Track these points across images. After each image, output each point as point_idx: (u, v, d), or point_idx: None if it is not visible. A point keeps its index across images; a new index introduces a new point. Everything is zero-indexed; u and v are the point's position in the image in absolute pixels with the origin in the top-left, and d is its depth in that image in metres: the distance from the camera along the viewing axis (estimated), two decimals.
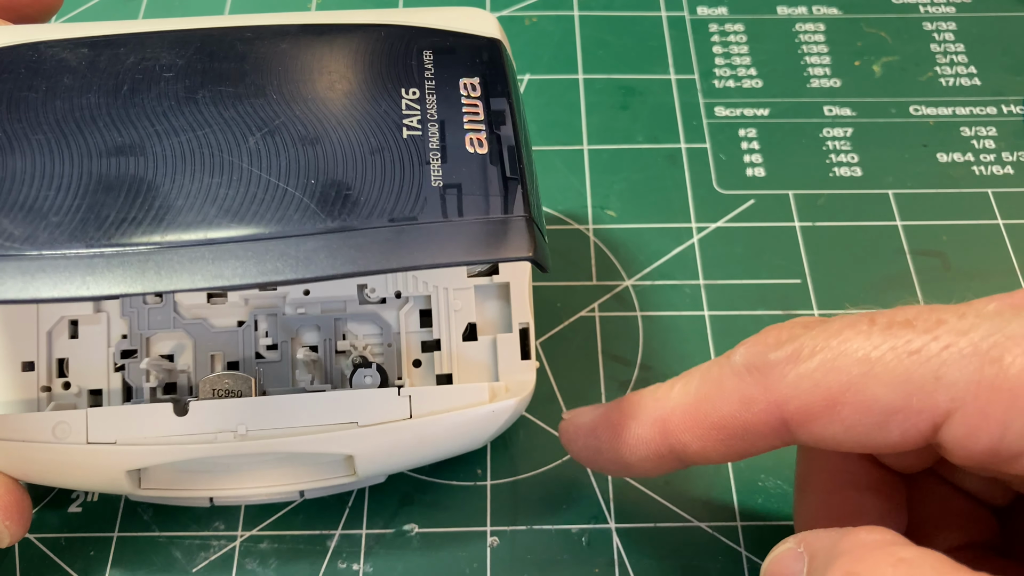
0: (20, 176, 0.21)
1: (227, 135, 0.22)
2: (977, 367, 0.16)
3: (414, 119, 0.23)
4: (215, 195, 0.21)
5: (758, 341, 0.20)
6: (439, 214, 0.21)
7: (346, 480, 0.25)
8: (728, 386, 0.20)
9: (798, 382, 0.18)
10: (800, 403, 0.18)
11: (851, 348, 0.18)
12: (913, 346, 0.17)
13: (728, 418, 0.20)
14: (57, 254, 0.20)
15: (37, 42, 0.24)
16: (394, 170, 0.22)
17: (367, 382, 0.25)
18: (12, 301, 0.20)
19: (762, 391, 0.19)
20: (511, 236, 0.21)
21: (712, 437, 0.20)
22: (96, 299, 0.21)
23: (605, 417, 0.22)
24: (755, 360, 0.19)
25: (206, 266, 0.20)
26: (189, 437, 0.23)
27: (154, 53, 0.24)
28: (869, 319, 0.18)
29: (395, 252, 0.21)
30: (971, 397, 0.16)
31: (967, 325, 0.17)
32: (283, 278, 0.20)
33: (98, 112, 0.23)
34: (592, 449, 0.22)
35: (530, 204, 0.22)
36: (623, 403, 0.22)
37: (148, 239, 0.20)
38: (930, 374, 0.17)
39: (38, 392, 0.26)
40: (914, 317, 0.18)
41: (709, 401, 0.20)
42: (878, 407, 0.17)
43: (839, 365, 0.18)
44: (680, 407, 0.20)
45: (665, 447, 0.21)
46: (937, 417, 0.17)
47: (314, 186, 0.21)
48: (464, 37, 0.25)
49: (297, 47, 0.25)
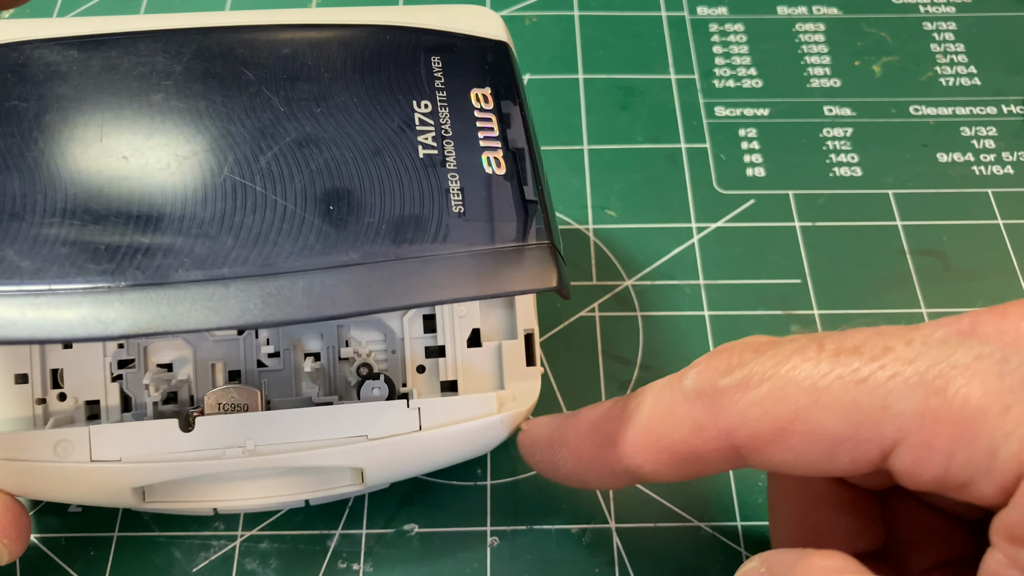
0: (20, 199, 0.20)
1: (236, 153, 0.21)
2: (922, 397, 0.16)
3: (429, 135, 0.22)
4: (231, 223, 0.20)
5: (709, 365, 0.19)
6: (463, 244, 0.21)
7: (353, 489, 0.25)
8: (679, 411, 0.19)
9: (747, 410, 0.18)
10: (749, 431, 0.18)
11: (799, 376, 0.18)
12: (860, 375, 0.17)
13: (679, 443, 0.19)
14: (69, 289, 0.19)
15: (20, 42, 0.23)
16: (413, 195, 0.21)
17: (375, 394, 0.25)
18: (24, 341, 0.18)
19: (712, 418, 0.19)
20: (535, 266, 0.21)
21: (664, 460, 0.20)
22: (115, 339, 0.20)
23: (560, 433, 0.22)
24: (705, 386, 0.19)
25: (229, 304, 0.19)
26: (196, 453, 0.23)
27: (149, 57, 0.23)
28: (818, 344, 0.18)
29: (420, 286, 0.20)
30: (916, 428, 0.16)
31: (913, 353, 0.17)
32: (308, 316, 0.19)
33: (97, 127, 0.21)
34: (548, 464, 0.23)
35: (551, 228, 0.22)
36: (578, 420, 0.22)
37: (166, 274, 0.19)
38: (877, 404, 0.17)
39: (33, 405, 0.25)
40: (862, 343, 0.18)
41: (661, 425, 0.20)
42: (826, 436, 0.17)
43: (787, 393, 0.18)
44: (632, 430, 0.20)
45: (619, 467, 0.21)
46: (885, 447, 0.17)
47: (333, 213, 0.21)
48: (471, 40, 0.25)
49: (302, 51, 0.24)
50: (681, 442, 0.19)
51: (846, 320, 0.31)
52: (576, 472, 0.22)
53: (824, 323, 0.31)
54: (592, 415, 0.22)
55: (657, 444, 0.20)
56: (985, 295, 0.32)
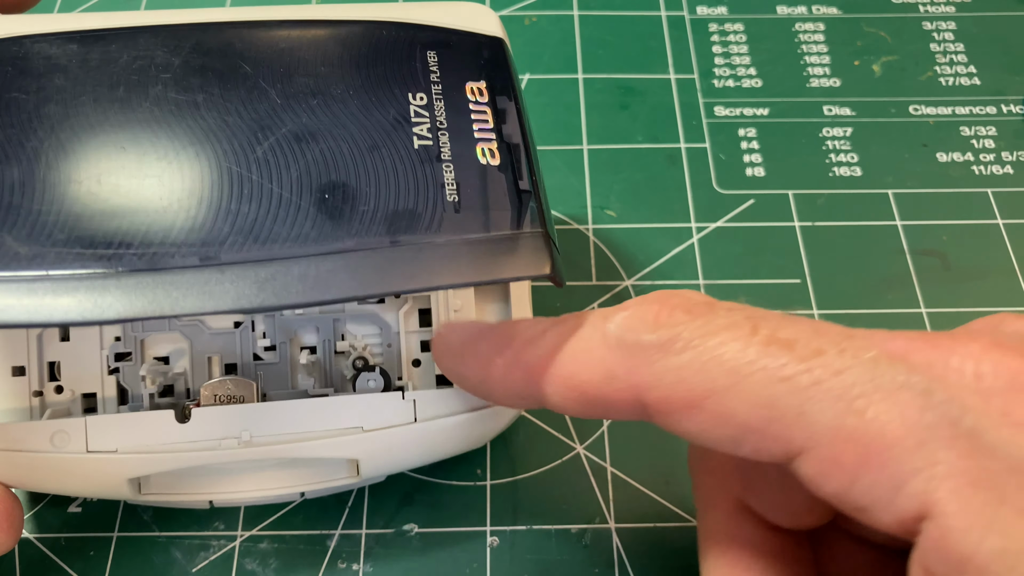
0: (19, 188, 0.20)
1: (233, 143, 0.22)
2: (839, 413, 0.16)
3: (424, 127, 0.23)
4: (227, 210, 0.20)
5: (636, 314, 0.19)
6: (456, 231, 0.21)
7: (348, 481, 0.25)
8: (595, 355, 0.19)
9: (663, 374, 0.18)
10: (660, 395, 0.18)
11: (725, 355, 0.17)
12: (785, 372, 0.17)
13: (588, 385, 0.19)
14: (66, 275, 0.19)
15: (22, 36, 0.23)
16: (408, 185, 0.21)
17: (371, 386, 0.25)
18: (21, 325, 0.19)
19: (625, 371, 0.18)
20: (528, 253, 0.21)
21: (572, 397, 0.20)
22: (110, 323, 0.20)
23: (473, 346, 0.22)
24: (627, 337, 0.19)
25: (225, 288, 0.19)
26: (192, 444, 0.23)
27: (148, 51, 0.23)
28: (753, 326, 0.18)
29: (415, 272, 0.20)
30: (827, 441, 0.16)
31: (843, 364, 0.16)
32: (303, 301, 0.19)
33: (95, 117, 0.22)
34: (456, 372, 0.22)
35: (545, 217, 0.22)
36: (495, 335, 0.21)
37: (162, 260, 0.19)
38: (794, 407, 0.16)
39: (30, 397, 0.25)
40: (795, 338, 0.17)
41: (574, 363, 0.19)
42: (735, 422, 0.17)
43: (707, 368, 0.17)
44: (545, 360, 0.20)
45: (526, 391, 0.20)
46: (791, 450, 0.17)
47: (328, 201, 0.21)
48: (467, 36, 0.25)
49: (299, 46, 0.24)
50: (590, 384, 0.19)
51: (846, 320, 0.31)
52: (482, 386, 0.22)
53: None
54: (509, 332, 0.21)
55: (567, 381, 0.19)
56: (985, 295, 0.32)
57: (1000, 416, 0.15)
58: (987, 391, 0.15)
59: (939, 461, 0.15)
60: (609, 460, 0.28)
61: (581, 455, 0.28)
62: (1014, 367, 0.16)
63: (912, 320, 0.31)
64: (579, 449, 0.28)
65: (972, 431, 0.15)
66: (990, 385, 0.15)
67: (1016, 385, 0.15)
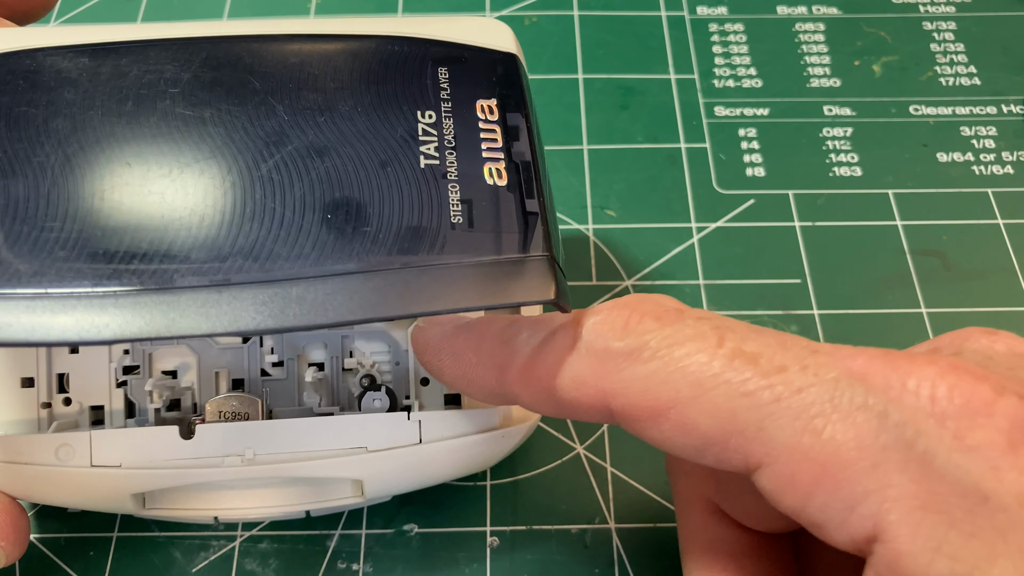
0: (23, 203, 0.20)
1: (238, 161, 0.21)
2: (798, 431, 0.16)
3: (431, 146, 0.22)
4: (228, 230, 0.20)
5: (607, 320, 0.19)
6: (459, 253, 0.20)
7: (353, 501, 0.24)
8: (566, 359, 0.19)
9: (630, 382, 0.18)
10: (626, 402, 0.18)
11: (689, 366, 0.18)
12: (747, 388, 0.17)
13: (558, 388, 0.19)
14: (65, 292, 0.19)
15: (34, 49, 0.23)
16: (412, 205, 0.21)
17: (376, 406, 0.25)
18: (18, 343, 0.18)
19: (594, 377, 0.19)
20: (532, 278, 0.21)
21: (542, 399, 0.20)
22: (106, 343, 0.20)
23: (450, 344, 0.22)
24: (596, 343, 0.19)
25: (222, 310, 0.19)
26: (195, 461, 0.23)
27: (158, 65, 0.23)
28: (719, 338, 0.18)
29: (415, 296, 0.20)
30: (784, 458, 0.16)
31: (805, 382, 0.17)
32: (301, 324, 0.19)
33: (102, 132, 0.21)
34: (434, 368, 0.22)
35: (551, 240, 0.21)
36: (471, 334, 0.22)
37: (161, 279, 0.19)
38: (754, 423, 0.17)
39: (38, 409, 0.25)
40: (760, 352, 0.17)
41: (544, 366, 0.20)
42: (698, 433, 0.17)
43: (672, 379, 0.18)
44: (518, 362, 0.20)
45: (500, 390, 0.21)
46: (750, 463, 0.17)
47: (331, 221, 0.20)
48: (480, 52, 0.25)
49: (310, 61, 0.24)
50: (560, 388, 0.19)
51: (846, 320, 0.31)
52: (458, 382, 0.22)
53: (824, 323, 0.31)
54: (486, 332, 0.21)
55: (538, 383, 0.20)
56: (985, 295, 0.32)
57: (953, 440, 0.15)
58: (941, 414, 0.16)
59: (891, 484, 0.15)
60: (609, 460, 0.28)
61: (581, 455, 0.28)
62: (967, 391, 0.16)
63: (912, 320, 0.31)
64: (579, 449, 0.28)
65: (925, 454, 0.15)
66: (944, 408, 0.16)
67: (970, 409, 0.15)
